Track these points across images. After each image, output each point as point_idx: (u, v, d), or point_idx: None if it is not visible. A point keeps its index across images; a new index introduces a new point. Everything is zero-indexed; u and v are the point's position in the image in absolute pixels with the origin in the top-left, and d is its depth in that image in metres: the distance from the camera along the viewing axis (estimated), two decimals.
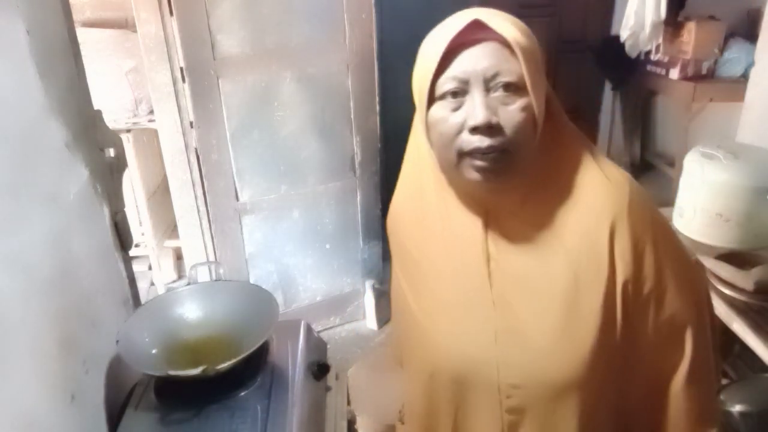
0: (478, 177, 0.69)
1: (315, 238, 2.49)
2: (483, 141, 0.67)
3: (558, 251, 0.73)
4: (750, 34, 3.04)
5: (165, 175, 2.32)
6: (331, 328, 2.70)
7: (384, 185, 2.52)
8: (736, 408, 1.35)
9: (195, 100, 2.07)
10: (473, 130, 0.67)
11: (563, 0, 3.99)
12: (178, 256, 2.92)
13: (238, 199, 2.27)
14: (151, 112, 2.38)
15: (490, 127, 0.66)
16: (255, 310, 1.06)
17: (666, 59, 3.40)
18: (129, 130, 2.50)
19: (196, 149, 2.16)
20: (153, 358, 0.99)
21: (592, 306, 0.71)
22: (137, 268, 2.31)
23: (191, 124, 2.13)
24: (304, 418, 0.96)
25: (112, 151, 1.09)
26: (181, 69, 2.05)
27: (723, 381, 1.55)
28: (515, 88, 0.67)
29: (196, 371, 0.89)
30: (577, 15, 4.07)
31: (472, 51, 0.67)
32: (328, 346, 1.31)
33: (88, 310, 0.95)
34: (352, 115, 2.36)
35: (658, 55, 3.45)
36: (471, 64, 0.66)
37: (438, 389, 0.82)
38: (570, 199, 0.74)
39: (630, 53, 3.44)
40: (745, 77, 2.86)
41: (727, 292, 1.55)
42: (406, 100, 0.76)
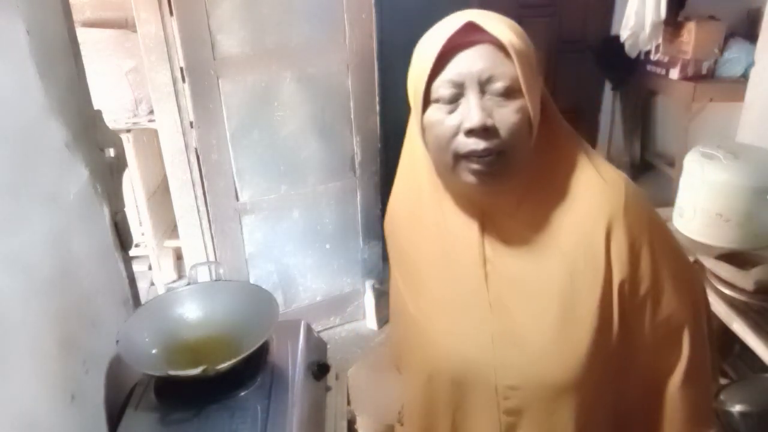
0: (475, 180, 0.69)
1: (315, 238, 2.49)
2: (479, 144, 0.66)
3: (554, 252, 0.73)
4: (750, 34, 3.04)
5: (165, 175, 2.32)
6: (331, 328, 2.70)
7: (384, 185, 2.52)
8: (736, 408, 1.35)
9: (195, 100, 2.07)
10: (469, 132, 0.66)
11: (563, 0, 3.98)
12: (178, 256, 2.92)
13: (238, 199, 2.27)
14: (151, 112, 2.38)
15: (485, 130, 0.66)
16: (255, 310, 1.06)
17: (666, 59, 3.40)
18: (129, 130, 2.50)
19: (196, 149, 2.16)
20: (153, 358, 0.99)
21: (589, 307, 0.71)
22: (137, 268, 2.31)
23: (191, 124, 2.13)
24: (304, 418, 0.96)
25: (112, 151, 1.09)
26: (181, 69, 2.05)
27: (723, 381, 1.55)
28: (510, 91, 0.66)
29: (196, 371, 0.89)
30: (577, 15, 4.06)
31: (467, 53, 0.66)
32: (328, 346, 1.31)
33: (88, 310, 0.95)
34: (352, 115, 2.36)
35: (658, 55, 3.46)
36: (466, 67, 0.66)
37: (436, 390, 0.82)
38: (566, 200, 0.74)
39: (630, 53, 3.44)
40: (745, 77, 2.87)
41: (727, 292, 1.55)
42: (406, 100, 0.76)
